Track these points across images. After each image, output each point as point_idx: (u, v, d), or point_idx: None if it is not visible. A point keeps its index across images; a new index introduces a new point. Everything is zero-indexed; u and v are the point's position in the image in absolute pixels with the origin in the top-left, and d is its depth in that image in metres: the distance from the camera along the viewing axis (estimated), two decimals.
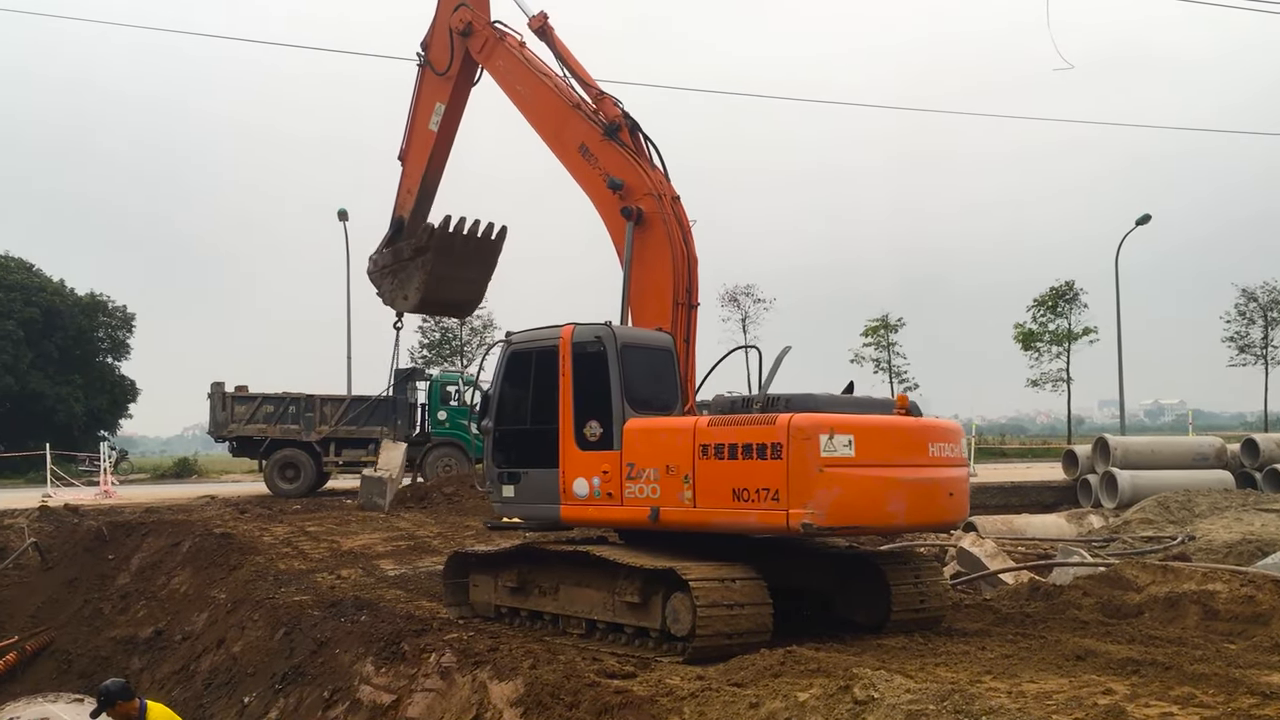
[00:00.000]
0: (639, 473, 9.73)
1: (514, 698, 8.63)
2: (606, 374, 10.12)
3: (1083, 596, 11.56)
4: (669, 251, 11.82)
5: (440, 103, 15.28)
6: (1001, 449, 55.21)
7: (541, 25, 14.11)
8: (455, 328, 49.23)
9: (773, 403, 9.38)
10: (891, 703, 6.30)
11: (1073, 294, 49.29)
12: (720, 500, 9.17)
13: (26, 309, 49.25)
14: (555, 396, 10.34)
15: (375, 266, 15.92)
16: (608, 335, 10.27)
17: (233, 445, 29.48)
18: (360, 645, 11.02)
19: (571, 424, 10.20)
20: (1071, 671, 7.95)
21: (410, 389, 30.19)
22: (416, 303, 15.52)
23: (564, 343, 10.36)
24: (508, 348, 11.07)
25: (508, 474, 10.89)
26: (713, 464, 9.23)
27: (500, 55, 14.27)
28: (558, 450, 10.28)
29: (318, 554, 16.42)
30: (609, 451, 9.96)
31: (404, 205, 15.66)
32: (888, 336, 54.40)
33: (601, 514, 10.15)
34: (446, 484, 24.58)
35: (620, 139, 12.46)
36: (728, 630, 8.82)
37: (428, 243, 15.04)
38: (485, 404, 11.21)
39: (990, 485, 28.26)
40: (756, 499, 8.92)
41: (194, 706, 12.08)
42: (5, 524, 21.39)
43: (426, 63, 15.48)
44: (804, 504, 8.69)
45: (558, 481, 10.28)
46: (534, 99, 13.67)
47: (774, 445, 8.84)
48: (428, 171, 15.46)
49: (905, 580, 10.18)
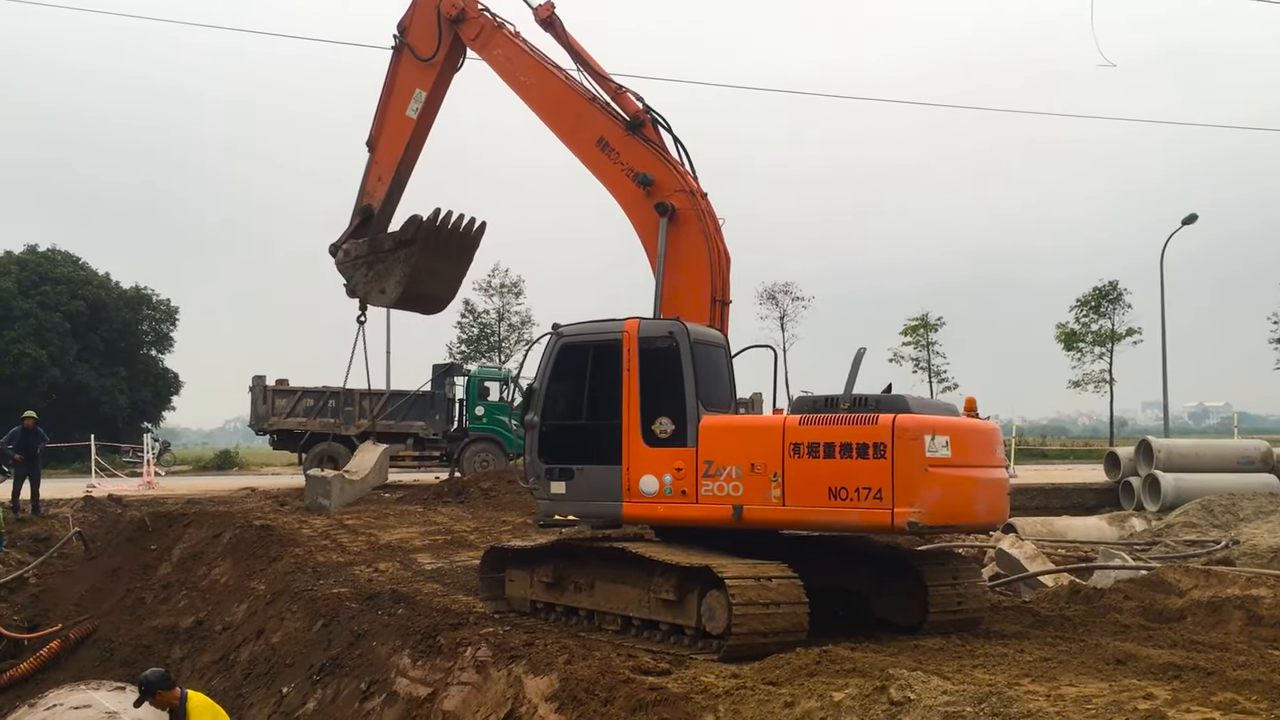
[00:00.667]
0: (718, 470, 9.65)
1: (549, 693, 8.65)
2: (679, 370, 10.04)
3: (1124, 600, 11.43)
4: (705, 248, 11.74)
5: (421, 89, 14.79)
6: (1042, 450, 54.71)
7: (549, 16, 13.72)
8: (494, 323, 49.46)
9: (861, 403, 9.46)
10: (928, 704, 6.25)
11: (1116, 294, 48.78)
12: (814, 499, 9.22)
13: (73, 302, 50.00)
14: (616, 391, 10.18)
15: (347, 257, 15.27)
16: (680, 331, 10.19)
17: (273, 438, 29.79)
18: (397, 638, 11.08)
19: (638, 420, 10.06)
20: (1111, 676, 7.86)
21: (448, 384, 30.33)
22: (396, 297, 15.02)
23: (629, 337, 10.21)
24: (557, 340, 10.76)
25: (558, 470, 10.61)
26: (805, 463, 9.27)
27: (499, 44, 13.90)
28: (620, 446, 10.10)
29: (356, 547, 16.54)
30: (682, 449, 9.85)
31: (374, 194, 15.15)
32: (927, 335, 54.05)
33: (673, 512, 9.95)
34: (483, 479, 24.65)
35: (644, 134, 12.33)
36: (763, 629, 8.80)
37: (414, 235, 14.58)
38: (530, 398, 10.89)
39: (1030, 487, 28.00)
40: (856, 498, 9.02)
41: (233, 696, 12.20)
42: (51, 513, 21.76)
43: (406, 46, 14.88)
44: (910, 503, 8.86)
45: (620, 478, 10.10)
46: (542, 91, 13.37)
47: (877, 445, 8.98)
48: (402, 160, 14.96)
49: (943, 581, 10.11)
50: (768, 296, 52.66)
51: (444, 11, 14.34)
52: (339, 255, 15.37)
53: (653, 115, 12.51)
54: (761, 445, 9.54)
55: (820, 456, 9.20)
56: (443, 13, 14.35)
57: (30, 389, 46.06)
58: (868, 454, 8.99)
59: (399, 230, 14.73)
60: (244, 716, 11.69)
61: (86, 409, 49.36)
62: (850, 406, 9.42)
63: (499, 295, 49.63)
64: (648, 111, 12.53)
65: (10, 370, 46.76)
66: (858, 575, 10.69)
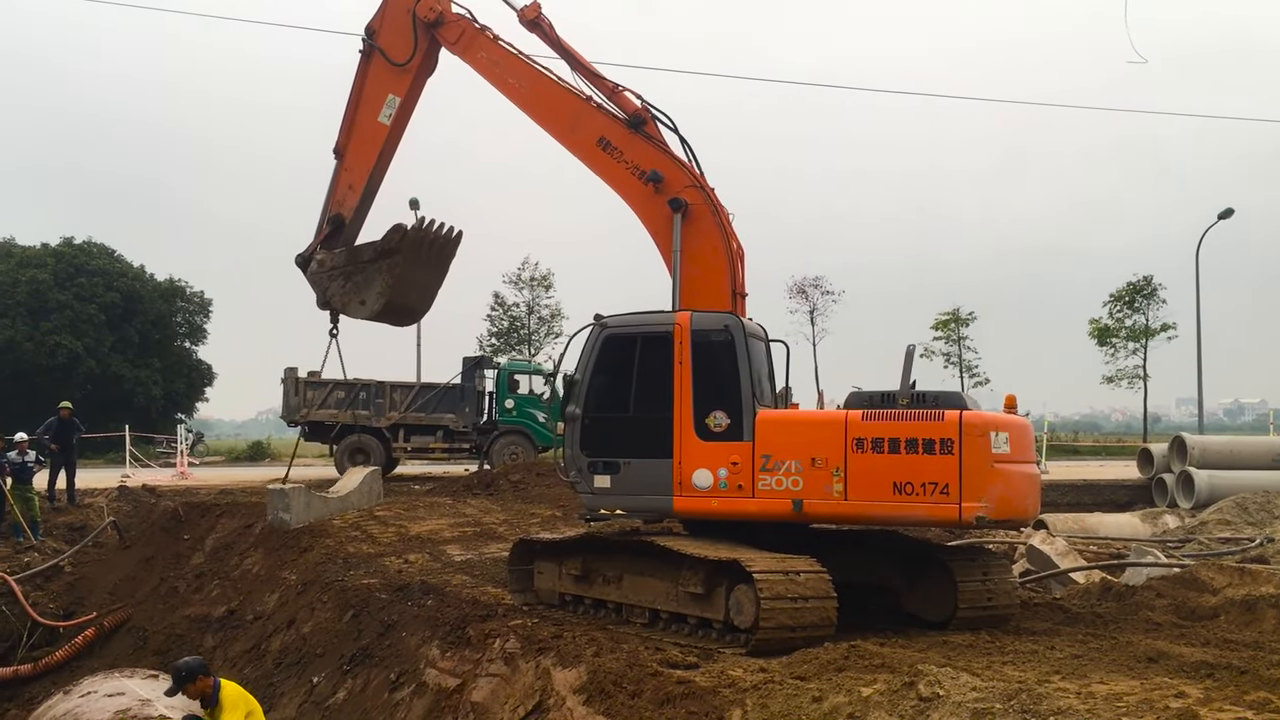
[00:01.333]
0: (776, 465, 9.66)
1: (577, 685, 8.69)
2: (734, 364, 10.02)
3: (1156, 598, 11.34)
4: (722, 242, 11.72)
5: (395, 95, 14.17)
6: (1074, 446, 54.15)
7: (536, 16, 13.32)
8: (524, 316, 49.54)
9: (920, 399, 9.60)
10: (957, 700, 6.23)
11: (1151, 289, 48.24)
12: (878, 494, 9.34)
13: (108, 294, 50.47)
14: (666, 384, 10.11)
15: (322, 268, 14.38)
16: (736, 324, 10.19)
17: (305, 430, 29.94)
18: (426, 629, 11.15)
19: (690, 413, 10.00)
20: (1143, 673, 7.80)
21: (478, 377, 30.41)
22: (379, 309, 14.24)
23: (682, 329, 10.15)
24: (601, 331, 10.57)
25: (601, 464, 10.44)
26: (869, 458, 9.39)
27: (482, 46, 13.48)
28: (671, 440, 10.03)
29: (386, 538, 16.63)
30: (738, 443, 9.83)
31: (344, 203, 14.45)
32: (958, 330, 53.68)
33: (728, 506, 9.89)
34: (513, 471, 24.73)
35: (646, 132, 12.24)
36: (791, 623, 8.79)
37: (398, 244, 13.91)
38: (571, 389, 10.67)
39: (1062, 483, 27.77)
40: (923, 493, 9.19)
41: (264, 685, 12.31)
42: (86, 503, 22.01)
43: (378, 50, 14.20)
44: (978, 498, 9.10)
45: (670, 472, 10.02)
46: (534, 92, 13.08)
47: (944, 441, 9.17)
48: (375, 168, 14.36)
49: (973, 577, 10.06)
50: (798, 290, 52.37)
51: (420, 15, 13.78)
52: (311, 266, 14.50)
53: (654, 112, 12.39)
54: (823, 440, 9.59)
55: (885, 452, 9.35)
56: (419, 16, 13.79)
57: (66, 380, 46.59)
58: (934, 449, 9.21)
59: (382, 239, 14.09)
60: (275, 705, 11.80)
61: (121, 400, 49.83)
62: (909, 403, 9.56)
63: (528, 288, 49.73)
64: (648, 109, 12.39)
65: (47, 361, 47.29)
66: (886, 570, 10.66)
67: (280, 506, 16.76)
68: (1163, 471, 26.73)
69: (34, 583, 17.03)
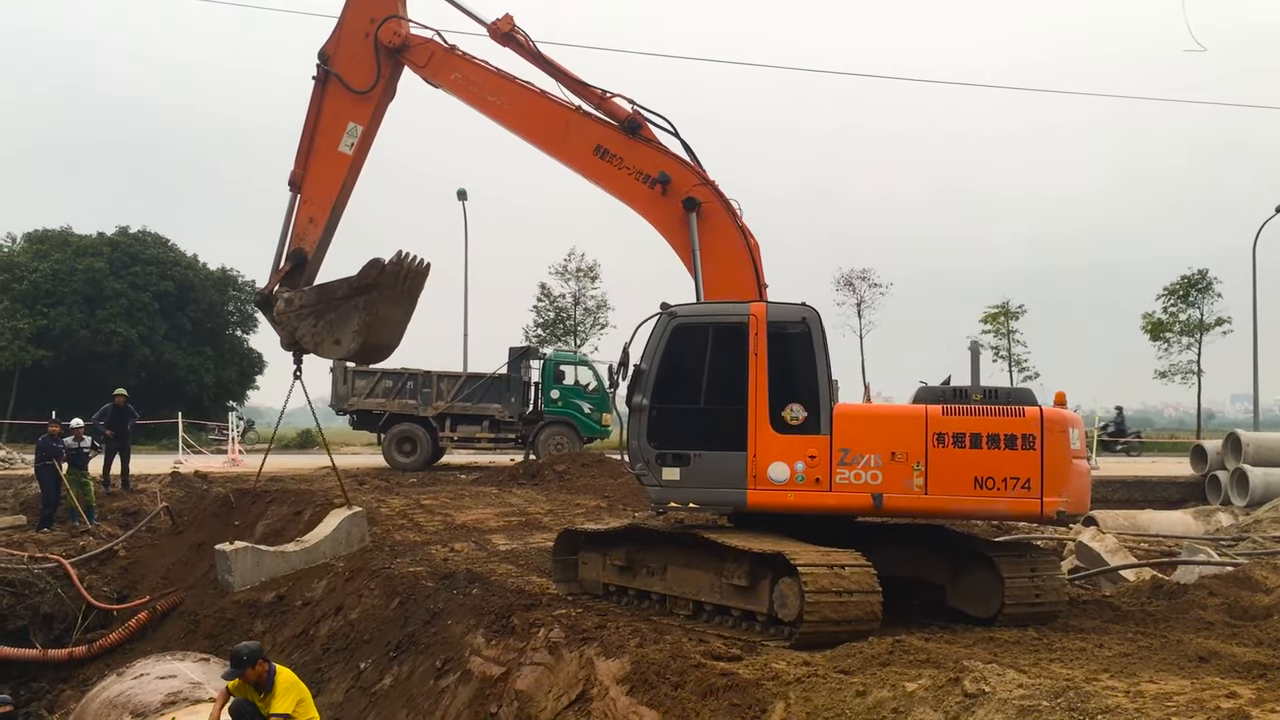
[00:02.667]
0: (855, 459, 9.68)
1: (620, 675, 8.71)
2: (811, 356, 10.00)
3: (1208, 596, 11.16)
4: (739, 236, 11.64)
5: (356, 123, 13.43)
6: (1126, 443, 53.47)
7: (510, 29, 12.82)
8: (570, 307, 49.65)
9: (992, 395, 9.86)
10: (1003, 697, 6.18)
11: (1205, 283, 47.45)
12: (959, 488, 9.51)
13: (162, 283, 51.22)
14: (739, 375, 10.02)
15: (290, 307, 13.54)
16: (813, 316, 10.13)
17: (353, 418, 30.27)
18: (471, 617, 11.23)
19: (766, 406, 9.93)
20: (1194, 673, 7.69)
21: (524, 367, 30.58)
22: (354, 348, 13.52)
23: (757, 320, 10.06)
24: (670, 320, 10.38)
25: (670, 456, 10.23)
26: (950, 452, 9.53)
27: (455, 66, 12.97)
28: (745, 432, 9.94)
29: (432, 527, 16.76)
30: (815, 436, 9.80)
31: (305, 237, 13.67)
32: (1007, 323, 53.09)
33: (805, 500, 9.84)
34: (558, 462, 24.86)
35: (643, 136, 12.07)
36: (835, 617, 8.76)
37: (376, 280, 13.14)
38: (637, 380, 10.37)
39: (1113, 479, 27.44)
40: (1004, 487, 9.42)
41: (312, 670, 12.45)
42: (139, 489, 22.38)
43: (336, 76, 13.40)
44: (1059, 493, 9.43)
45: (744, 465, 9.93)
46: (518, 108, 12.65)
47: (1025, 436, 9.42)
48: (337, 199, 13.64)
49: (1020, 573, 9.97)
50: (844, 283, 52.04)
51: (383, 41, 13.11)
52: (278, 305, 13.61)
53: (647, 115, 12.19)
54: (903, 434, 9.66)
55: (965, 446, 9.50)
56: (381, 42, 13.12)
57: (121, 367, 47.36)
58: (1016, 445, 9.42)
59: (358, 275, 13.30)
60: (323, 690, 11.93)
61: (174, 387, 50.60)
62: (982, 399, 9.77)
63: (575, 279, 49.85)
64: (639, 113, 12.19)
65: (102, 349, 48.10)
66: (932, 565, 10.60)
67: (223, 568, 15.38)
68: (1216, 468, 26.33)
69: (89, 566, 17.33)
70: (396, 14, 13.15)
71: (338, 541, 15.58)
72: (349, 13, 13.37)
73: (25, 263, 48.72)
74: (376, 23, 13.17)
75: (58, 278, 48.23)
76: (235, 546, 15.33)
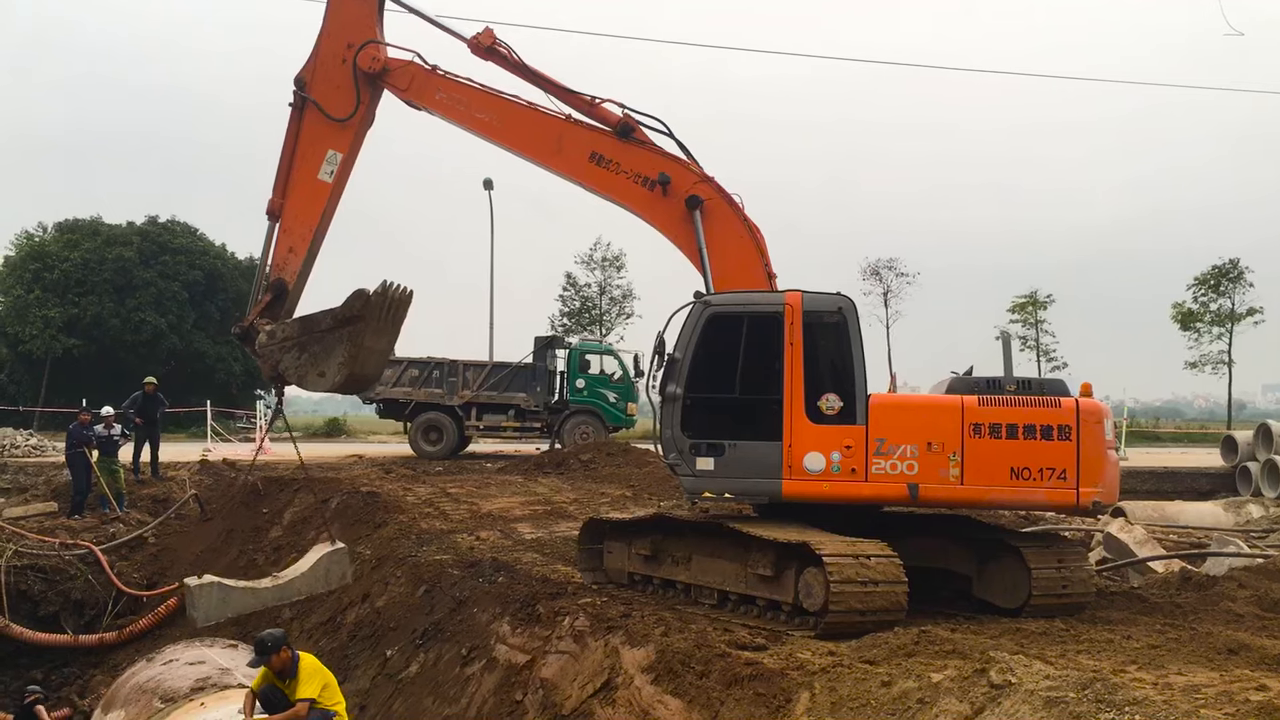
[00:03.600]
0: (891, 449, 9.66)
1: (645, 664, 8.73)
2: (848, 346, 9.95)
3: (1238, 589, 11.06)
4: (744, 228, 11.57)
5: (336, 150, 13.10)
6: (1155, 433, 53.02)
7: (491, 43, 12.62)
8: (595, 297, 49.70)
9: (1025, 385, 9.92)
10: (1029, 688, 6.14)
11: (1237, 272, 46.97)
12: (995, 479, 9.55)
13: (191, 272, 51.63)
14: (775, 365, 9.93)
15: (273, 340, 13.22)
16: (849, 306, 10.08)
17: (379, 407, 30.41)
18: (497, 605, 11.27)
19: (802, 395, 9.85)
20: (1223, 665, 7.63)
21: (550, 356, 30.62)
22: (340, 380, 13.18)
23: (793, 309, 9.96)
24: (704, 309, 10.25)
25: (705, 446, 10.09)
26: (986, 443, 9.57)
27: (439, 87, 12.73)
28: (780, 422, 9.85)
29: (458, 515, 16.82)
30: (851, 426, 9.75)
31: (286, 267, 13.39)
32: (1035, 313, 52.75)
33: (840, 490, 9.78)
34: (583, 451, 24.88)
35: (637, 139, 11.98)
36: (861, 607, 8.73)
37: (361, 311, 12.79)
38: (670, 369, 10.25)
39: (1142, 470, 27.24)
40: (1040, 478, 9.48)
41: (339, 657, 12.54)
42: (169, 476, 22.59)
43: (314, 104, 13.05)
44: (1094, 483, 9.52)
45: (780, 455, 9.84)
46: (508, 122, 12.45)
47: (1062, 427, 9.49)
48: (318, 228, 13.36)
49: (1047, 564, 9.90)
50: (871, 272, 51.88)
51: (363, 67, 12.81)
52: (260, 338, 13.31)
53: (639, 118, 12.10)
54: (939, 424, 9.67)
55: (1002, 437, 9.54)
56: (361, 68, 12.82)
57: (150, 356, 47.79)
58: (1052, 435, 9.49)
59: (342, 306, 12.97)
60: (349, 677, 12.01)
61: (203, 375, 51.01)
62: (1016, 389, 9.81)
63: (600, 269, 49.90)
64: (630, 116, 12.10)
65: (132, 337, 48.57)
66: (958, 556, 10.56)
67: (189, 604, 14.94)
68: (1247, 460, 26.11)
69: (119, 553, 17.50)
70: (374, 39, 12.89)
71: (315, 578, 14.97)
72: (325, 38, 13.08)
73: (56, 252, 49.21)
74: (354, 48, 12.91)
75: (88, 267, 48.72)
76: (201, 581, 14.92)
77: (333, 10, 13.10)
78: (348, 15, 13.05)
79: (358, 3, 13.07)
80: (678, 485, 11.11)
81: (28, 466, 25.57)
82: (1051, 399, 9.69)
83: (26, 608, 16.05)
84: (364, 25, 12.96)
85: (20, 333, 47.24)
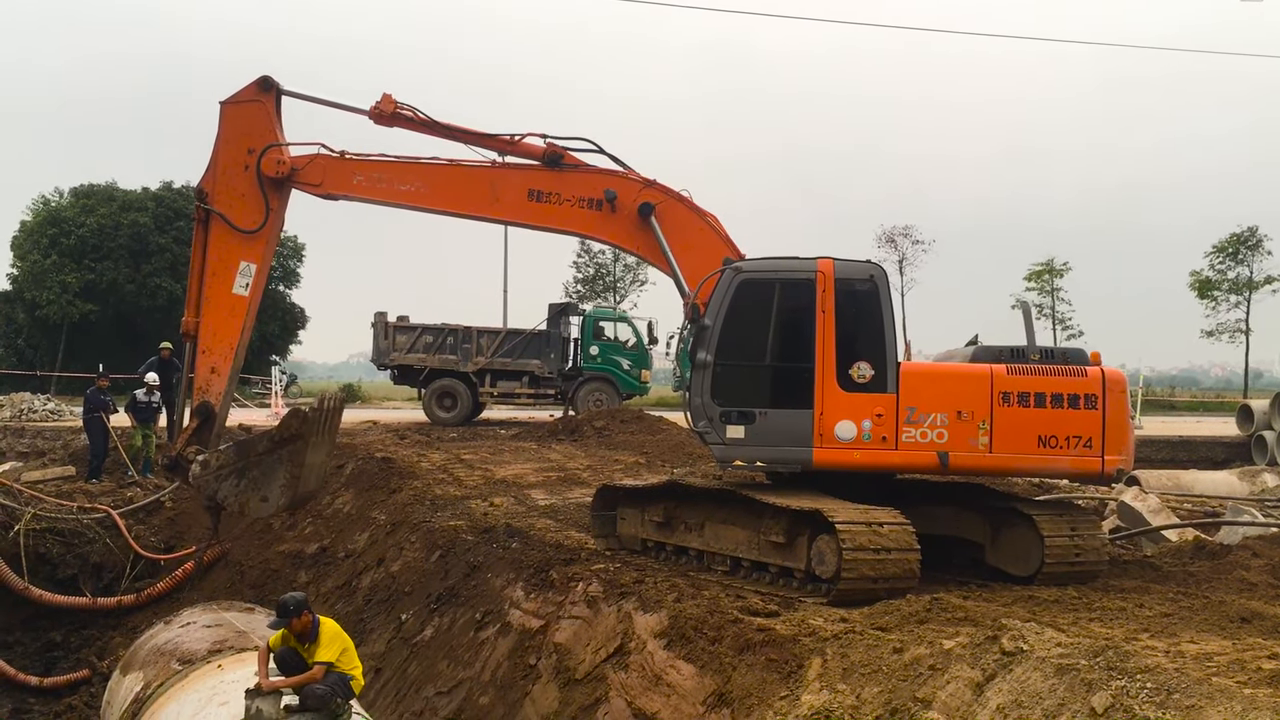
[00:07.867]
0: (921, 417, 9.70)
1: (658, 629, 8.78)
2: (879, 313, 9.91)
3: (1252, 558, 11.04)
4: (701, 220, 11.47)
5: (249, 261, 12.35)
6: (1171, 402, 52.86)
7: (394, 109, 12.11)
8: (609, 264, 49.64)
9: (1049, 355, 10.08)
10: (1041, 655, 6.16)
11: (1256, 240, 46.62)
12: (1023, 447, 9.70)
13: None
14: (806, 333, 9.85)
15: (208, 469, 12.30)
16: (880, 274, 10.05)
17: (394, 373, 30.47)
18: (511, 571, 11.34)
19: (834, 363, 9.78)
20: (1235, 634, 7.63)
21: (564, 323, 30.60)
22: (284, 503, 12.46)
23: (824, 276, 9.87)
24: (735, 276, 10.12)
25: (735, 414, 9.95)
26: (1014, 411, 9.69)
27: (354, 170, 12.15)
28: (811, 390, 9.78)
29: (472, 481, 16.89)
30: (881, 394, 9.72)
31: (209, 389, 12.53)
32: (1052, 281, 52.50)
33: (871, 458, 9.77)
34: (597, 418, 24.92)
35: (568, 164, 11.76)
36: (873, 574, 8.75)
37: (299, 430, 12.07)
38: (700, 336, 10.13)
39: (1157, 439, 27.17)
40: (1066, 446, 9.67)
41: (355, 620, 12.64)
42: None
43: (220, 216, 12.29)
44: (1119, 451, 9.74)
45: (811, 423, 9.78)
46: (436, 186, 12.00)
47: (1088, 396, 9.67)
48: (239, 342, 12.64)
49: (1060, 532, 9.90)
50: (886, 239, 51.71)
51: (268, 173, 12.08)
52: (194, 469, 12.37)
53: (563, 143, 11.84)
54: (969, 393, 9.75)
55: (1030, 406, 9.67)
56: (265, 175, 12.09)
57: (166, 321, 47.96)
58: (1079, 404, 9.65)
59: (279, 428, 12.42)
60: (365, 640, 12.12)
61: None
62: (1040, 358, 9.95)
63: None
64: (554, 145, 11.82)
65: (147, 303, 48.75)
66: (971, 524, 10.56)
67: None
68: (1263, 429, 26.03)
69: (136, 517, 17.67)
70: (276, 141, 12.22)
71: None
72: (223, 145, 12.31)
73: (72, 217, 49.32)
74: (255, 154, 12.19)
75: (104, 232, 48.83)
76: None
77: (228, 118, 12.32)
78: (245, 121, 12.29)
79: (254, 106, 12.31)
80: (691, 452, 11.14)
81: (45, 431, 25.75)
82: (1077, 369, 9.81)
83: (46, 570, 16.24)
84: (263, 129, 12.25)
85: (37, 297, 47.48)
